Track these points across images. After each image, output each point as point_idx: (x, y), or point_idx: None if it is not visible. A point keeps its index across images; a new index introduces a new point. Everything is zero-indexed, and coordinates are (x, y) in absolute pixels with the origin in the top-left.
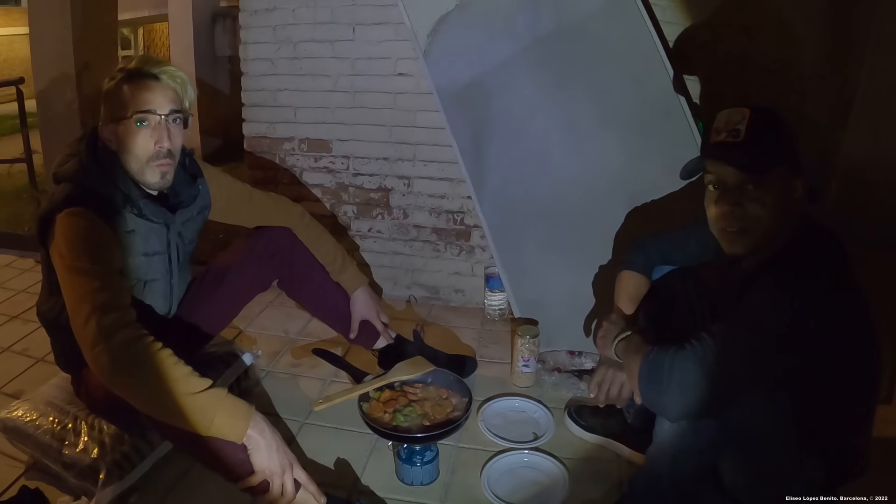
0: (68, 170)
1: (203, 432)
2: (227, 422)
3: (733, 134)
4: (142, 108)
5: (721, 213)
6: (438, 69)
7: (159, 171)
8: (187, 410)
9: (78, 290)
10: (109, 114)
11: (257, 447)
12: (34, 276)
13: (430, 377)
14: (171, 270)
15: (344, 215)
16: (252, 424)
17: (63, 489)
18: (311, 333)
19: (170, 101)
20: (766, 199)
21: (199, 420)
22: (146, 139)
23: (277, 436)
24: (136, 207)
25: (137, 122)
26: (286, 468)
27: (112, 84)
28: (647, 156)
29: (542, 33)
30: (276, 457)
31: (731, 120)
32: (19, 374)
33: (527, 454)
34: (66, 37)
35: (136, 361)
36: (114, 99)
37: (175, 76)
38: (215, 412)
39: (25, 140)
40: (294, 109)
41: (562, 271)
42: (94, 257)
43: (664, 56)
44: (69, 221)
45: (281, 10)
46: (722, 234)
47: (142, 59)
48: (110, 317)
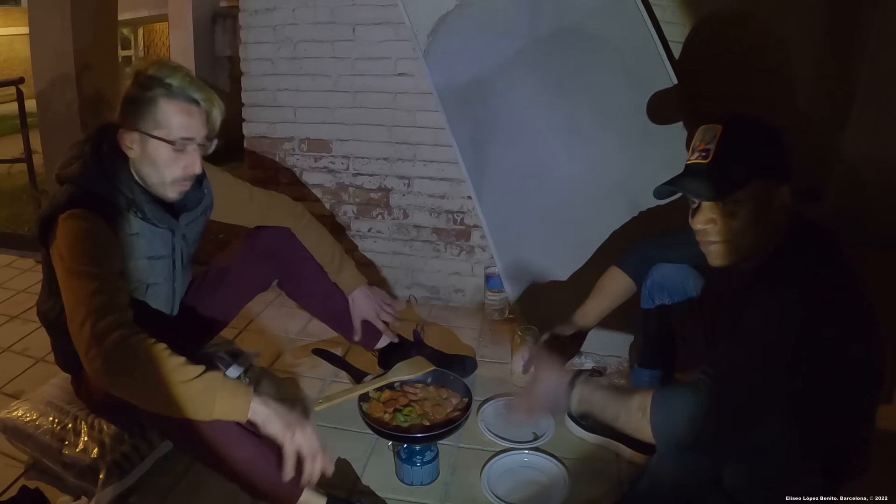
0: (72, 172)
1: (206, 417)
2: (228, 401)
3: (703, 154)
4: (183, 134)
5: (697, 230)
6: (438, 69)
7: (179, 191)
8: (187, 398)
9: (76, 294)
10: (136, 123)
11: (266, 417)
12: (34, 276)
13: (430, 377)
14: (175, 275)
15: (344, 215)
16: (254, 399)
17: (63, 489)
18: (311, 333)
19: (204, 127)
20: (742, 215)
21: (200, 405)
22: (177, 163)
23: (280, 405)
24: (140, 211)
25: (176, 148)
26: (301, 424)
27: (142, 92)
28: (648, 156)
29: (542, 33)
30: (289, 417)
31: (704, 139)
32: (19, 374)
33: (527, 454)
34: (66, 37)
35: (129, 360)
36: (145, 110)
37: (214, 101)
38: (215, 395)
39: (25, 140)
40: (294, 109)
41: (562, 271)
42: (93, 260)
43: (664, 56)
44: (70, 223)
45: (281, 10)
46: (703, 247)
47: (184, 78)
48: (104, 321)
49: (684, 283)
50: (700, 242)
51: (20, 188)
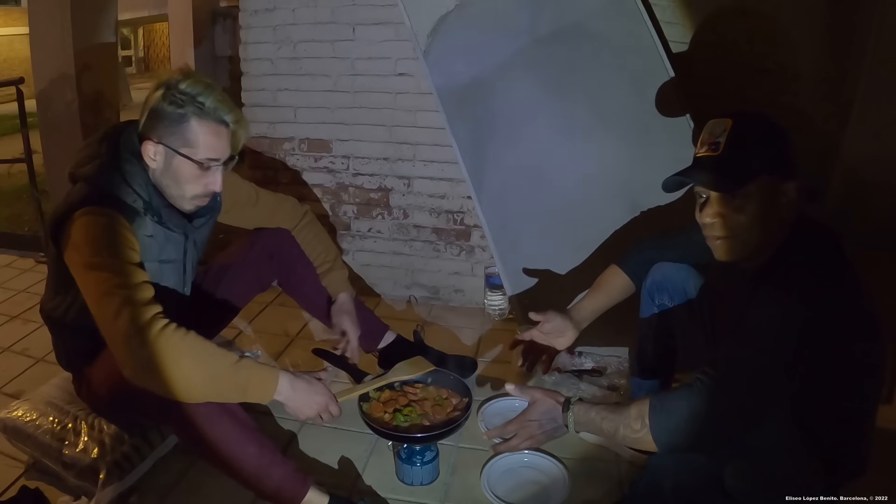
0: (87, 171)
1: (235, 401)
2: (258, 388)
3: (713, 147)
4: (210, 155)
5: (704, 224)
6: (438, 69)
7: (196, 205)
8: (225, 383)
9: (102, 286)
10: (162, 137)
11: (291, 404)
12: (34, 276)
13: (430, 377)
14: (185, 280)
15: (344, 215)
16: (278, 389)
17: (63, 489)
18: (311, 334)
19: (230, 147)
20: (749, 209)
21: (232, 389)
22: (199, 181)
23: (303, 381)
24: (157, 215)
25: (201, 167)
26: (327, 404)
27: (173, 108)
28: (648, 155)
29: (542, 33)
30: (312, 405)
31: (713, 132)
32: (19, 374)
33: (527, 454)
34: (66, 37)
35: (174, 348)
36: (174, 126)
37: (242, 122)
38: (248, 381)
39: (25, 140)
40: (294, 109)
41: (562, 271)
42: (116, 252)
43: (664, 56)
44: (87, 219)
45: (281, 10)
46: (709, 241)
47: (216, 97)
48: (142, 310)
49: (684, 283)
50: (706, 238)
51: (20, 188)
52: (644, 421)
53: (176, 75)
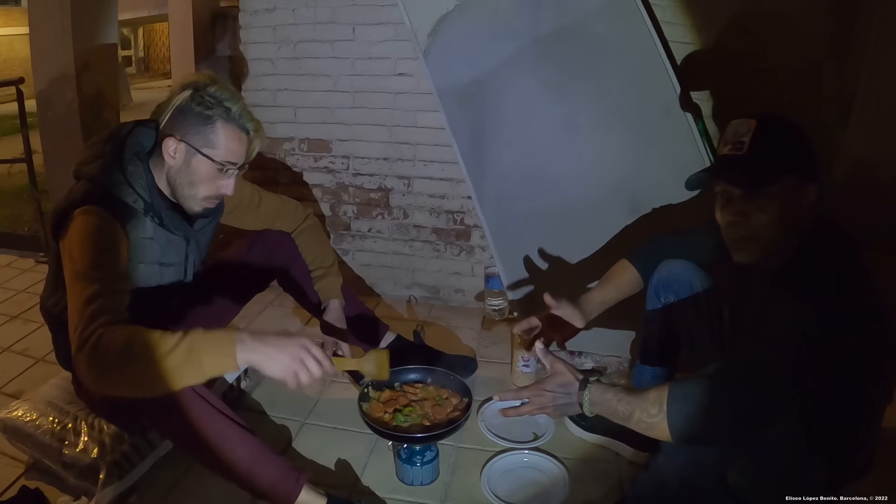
0: (91, 171)
1: (200, 380)
2: (214, 357)
3: (737, 147)
4: (229, 158)
5: (726, 223)
6: (438, 69)
7: (204, 207)
8: (174, 368)
9: (79, 296)
10: (186, 135)
11: (260, 362)
12: (34, 276)
13: (429, 377)
14: (186, 282)
15: (344, 215)
16: (239, 348)
17: (63, 489)
18: (310, 334)
19: (246, 154)
20: (771, 209)
21: (189, 370)
22: (214, 182)
23: (269, 336)
24: (158, 217)
25: (220, 169)
26: (302, 356)
27: (201, 109)
28: (648, 155)
29: (543, 33)
30: (285, 356)
31: (738, 132)
32: (19, 374)
33: (527, 454)
34: (66, 37)
35: (107, 348)
36: (201, 126)
37: (260, 132)
38: (200, 355)
39: (25, 140)
40: (294, 109)
41: (562, 271)
42: (98, 263)
43: (664, 56)
44: (84, 219)
45: (281, 10)
46: (729, 242)
47: (241, 105)
48: (92, 325)
49: (691, 281)
50: (726, 238)
51: (20, 188)
52: (662, 406)
53: (203, 79)
